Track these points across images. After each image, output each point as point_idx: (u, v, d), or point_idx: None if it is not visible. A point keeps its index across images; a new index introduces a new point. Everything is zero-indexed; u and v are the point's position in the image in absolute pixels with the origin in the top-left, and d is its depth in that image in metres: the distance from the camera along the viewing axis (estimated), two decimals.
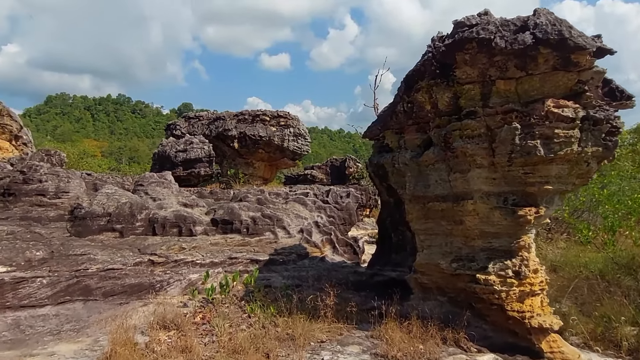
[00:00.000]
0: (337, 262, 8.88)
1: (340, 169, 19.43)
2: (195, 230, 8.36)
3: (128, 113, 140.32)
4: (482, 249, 5.66)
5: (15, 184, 8.56)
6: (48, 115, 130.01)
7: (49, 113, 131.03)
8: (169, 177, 9.97)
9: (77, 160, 33.59)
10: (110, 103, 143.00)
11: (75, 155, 34.05)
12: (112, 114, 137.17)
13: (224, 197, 11.65)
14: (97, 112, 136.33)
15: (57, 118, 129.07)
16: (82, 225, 7.95)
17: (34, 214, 8.33)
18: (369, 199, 18.67)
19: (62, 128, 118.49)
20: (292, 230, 9.17)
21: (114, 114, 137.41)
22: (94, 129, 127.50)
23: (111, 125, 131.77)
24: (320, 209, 10.51)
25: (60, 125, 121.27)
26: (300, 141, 21.92)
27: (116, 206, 8.20)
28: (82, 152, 38.13)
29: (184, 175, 19.00)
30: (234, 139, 21.22)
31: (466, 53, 5.16)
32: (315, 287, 7.42)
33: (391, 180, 6.72)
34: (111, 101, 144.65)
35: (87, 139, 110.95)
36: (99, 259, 7.05)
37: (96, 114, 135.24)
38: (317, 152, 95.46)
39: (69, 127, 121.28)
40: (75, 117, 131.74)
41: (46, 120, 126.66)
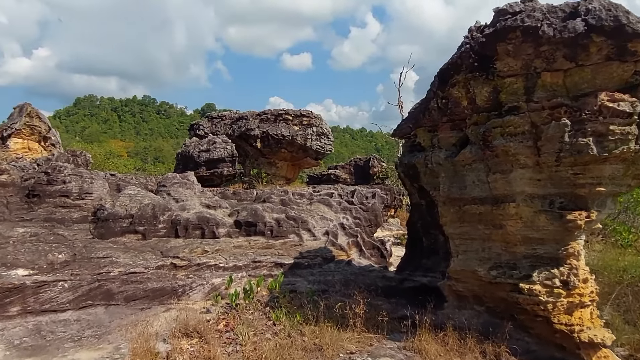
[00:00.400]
0: (364, 265, 8.52)
1: (364, 169, 19.01)
2: (218, 232, 8.13)
3: (153, 114, 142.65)
4: (525, 256, 5.22)
5: (40, 184, 8.50)
6: (77, 116, 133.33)
7: (78, 114, 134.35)
8: (192, 178, 9.78)
9: (104, 161, 34.11)
10: (136, 104, 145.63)
11: (102, 155, 34.57)
12: (137, 114, 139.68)
13: (247, 197, 11.43)
14: (124, 113, 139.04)
15: (85, 119, 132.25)
16: (104, 227, 7.81)
17: (58, 215, 8.24)
18: (393, 199, 18.23)
19: (90, 129, 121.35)
20: (317, 233, 8.85)
21: (140, 114, 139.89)
22: (121, 130, 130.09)
23: (137, 126, 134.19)
24: (345, 211, 10.16)
25: (88, 127, 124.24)
26: (324, 140, 21.58)
27: (138, 208, 8.03)
28: (108, 152, 38.73)
29: (207, 175, 18.91)
30: (256, 139, 21.04)
31: (509, 43, 4.74)
32: (342, 293, 7.09)
33: (423, 181, 6.32)
34: (137, 102, 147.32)
35: (114, 139, 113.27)
36: (121, 262, 6.88)
37: (122, 115, 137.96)
38: (339, 151, 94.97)
39: (96, 128, 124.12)
40: (103, 118, 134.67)
41: (75, 121, 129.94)
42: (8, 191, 8.65)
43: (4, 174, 8.79)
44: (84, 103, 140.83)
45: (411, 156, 6.48)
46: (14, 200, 8.44)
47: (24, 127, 23.25)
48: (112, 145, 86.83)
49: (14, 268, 6.14)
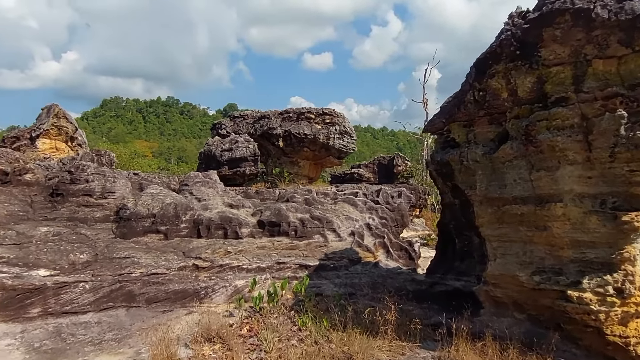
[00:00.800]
0: (392, 268, 8.16)
1: (388, 168, 18.58)
2: (241, 232, 7.89)
3: (177, 114, 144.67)
4: (573, 261, 4.78)
5: (63, 184, 8.42)
6: (103, 118, 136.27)
7: (104, 116, 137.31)
8: (214, 177, 9.59)
9: (129, 160, 34.55)
10: (160, 105, 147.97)
11: (127, 155, 35.05)
12: (161, 115, 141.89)
13: (270, 197, 11.19)
14: (148, 114, 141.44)
15: (111, 120, 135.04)
16: (126, 226, 7.66)
17: (81, 214, 8.15)
18: (418, 199, 17.75)
19: (116, 130, 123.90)
20: (342, 233, 8.53)
21: (164, 115, 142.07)
22: (145, 130, 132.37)
23: (161, 127, 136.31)
24: (371, 210, 9.81)
25: (114, 127, 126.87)
26: (346, 139, 21.24)
27: (161, 207, 7.86)
28: (132, 152, 39.25)
29: (229, 174, 18.80)
30: (278, 138, 20.84)
31: (556, 28, 4.33)
32: (370, 297, 6.76)
33: (458, 179, 5.93)
34: (161, 103, 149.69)
35: (139, 139, 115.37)
36: (142, 262, 6.70)
37: (147, 116, 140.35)
38: (361, 150, 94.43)
39: (122, 129, 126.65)
40: (128, 119, 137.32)
41: (102, 122, 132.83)
42: (33, 190, 8.62)
43: (28, 173, 8.76)
44: (110, 104, 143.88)
45: (444, 153, 6.09)
46: (38, 199, 8.39)
47: (52, 127, 23.64)
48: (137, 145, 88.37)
49: (35, 268, 6.02)
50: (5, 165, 8.70)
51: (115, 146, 38.39)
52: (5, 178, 8.56)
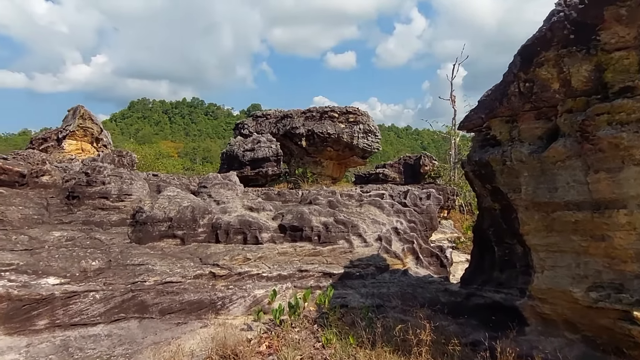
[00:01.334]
0: (422, 276, 7.58)
1: (414, 167, 17.90)
2: (262, 237, 7.45)
3: (201, 115, 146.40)
4: (638, 276, 4.13)
5: (79, 186, 8.16)
6: (131, 119, 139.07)
7: (132, 117, 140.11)
8: (234, 178, 9.19)
9: (154, 161, 34.75)
10: (185, 106, 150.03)
11: (152, 156, 35.25)
12: (187, 116, 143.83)
13: (292, 198, 10.74)
14: (174, 115, 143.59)
15: (138, 122, 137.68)
16: (142, 230, 7.32)
17: (96, 217, 7.87)
18: (447, 200, 17.02)
19: (143, 131, 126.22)
20: (368, 238, 7.99)
21: (189, 116, 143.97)
22: (171, 131, 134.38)
23: (186, 127, 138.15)
24: (399, 213, 9.23)
25: (141, 128, 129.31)
26: (370, 138, 20.65)
27: (177, 210, 7.50)
28: (158, 152, 39.55)
29: (251, 174, 18.49)
30: (301, 137, 20.41)
31: (622, 6, 3.70)
32: (400, 309, 6.21)
33: (499, 181, 5.32)
34: (186, 104, 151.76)
35: (165, 140, 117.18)
36: (157, 269, 6.33)
37: (173, 117, 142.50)
38: (384, 150, 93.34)
39: (149, 130, 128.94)
40: (155, 120, 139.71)
41: (129, 124, 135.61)
42: (49, 192, 8.39)
43: (45, 174, 8.55)
44: (138, 106, 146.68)
45: (483, 152, 5.48)
46: (55, 201, 8.15)
47: (78, 128, 23.84)
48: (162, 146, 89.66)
49: (44, 276, 5.71)
50: (23, 167, 8.50)
51: (141, 147, 38.75)
52: (22, 180, 8.36)
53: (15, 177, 8.26)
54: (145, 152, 34.28)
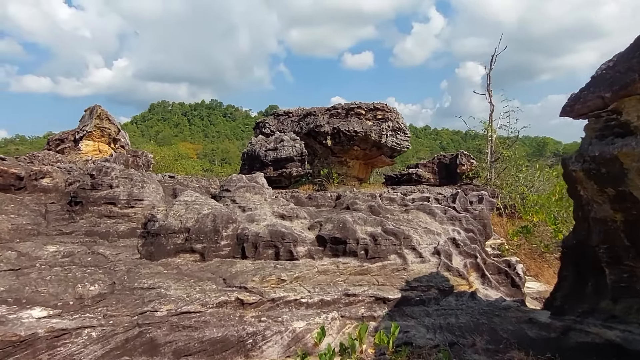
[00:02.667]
0: (494, 300, 6.10)
1: (449, 167, 16.36)
2: (297, 251, 6.07)
3: (220, 117, 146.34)
4: None
5: (83, 190, 6.92)
6: (151, 121, 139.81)
7: (152, 119, 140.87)
8: (261, 180, 7.84)
9: (173, 162, 33.81)
10: (204, 108, 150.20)
11: (171, 157, 34.33)
12: (205, 118, 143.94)
13: (325, 203, 9.34)
14: (193, 117, 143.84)
15: (158, 124, 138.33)
16: (154, 243, 6.02)
17: (102, 227, 6.60)
18: None
19: (163, 133, 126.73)
20: (424, 252, 6.54)
21: (208, 118, 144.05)
22: (190, 133, 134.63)
23: (205, 129, 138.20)
24: (453, 221, 7.76)
25: (161, 130, 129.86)
26: (400, 136, 19.14)
27: (196, 219, 6.17)
28: (177, 154, 38.67)
29: (274, 175, 17.17)
30: (326, 136, 19.02)
31: None
32: (480, 349, 4.75)
33: (629, 183, 3.83)
34: (205, 106, 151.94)
35: (184, 142, 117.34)
36: (171, 294, 5.00)
37: (192, 119, 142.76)
38: None
39: (169, 132, 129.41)
40: (174, 122, 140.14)
41: (150, 126, 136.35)
42: (50, 197, 7.17)
43: (46, 177, 7.33)
44: (158, 109, 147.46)
45: (605, 145, 3.99)
46: (55, 208, 6.92)
47: (95, 129, 22.88)
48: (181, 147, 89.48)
49: (29, 306, 4.43)
50: (20, 168, 7.29)
51: (160, 148, 37.89)
52: (19, 183, 7.16)
53: (11, 180, 7.05)
54: (164, 153, 33.37)
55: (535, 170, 19.22)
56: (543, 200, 13.22)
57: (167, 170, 30.96)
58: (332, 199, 10.12)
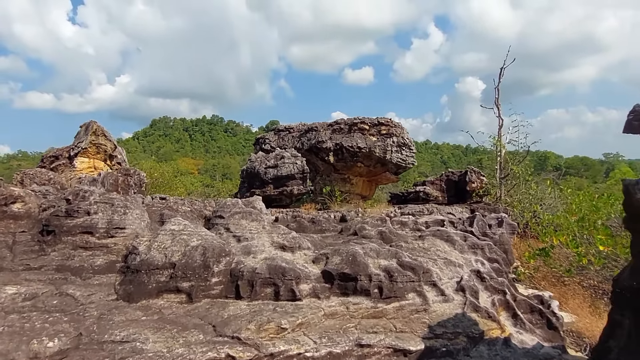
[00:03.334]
0: (531, 347, 5.17)
1: (458, 185, 15.53)
2: (300, 290, 5.17)
3: (221, 132, 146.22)
4: None
5: (57, 217, 6.04)
6: (153, 137, 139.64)
7: (154, 135, 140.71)
8: (259, 205, 6.97)
9: (172, 179, 33.00)
10: (205, 124, 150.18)
11: (170, 173, 33.50)
12: (206, 133, 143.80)
13: (329, 227, 8.46)
14: (194, 132, 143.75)
15: (160, 139, 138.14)
16: (134, 281, 5.12)
17: (76, 261, 5.71)
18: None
19: (164, 148, 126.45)
20: (446, 289, 5.64)
21: (209, 133, 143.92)
22: (192, 148, 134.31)
23: (206, 144, 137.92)
24: (475, 249, 6.86)
25: (163, 146, 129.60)
26: (405, 152, 18.30)
27: (183, 252, 5.28)
28: (176, 170, 37.89)
29: (274, 194, 16.28)
30: (329, 152, 18.19)
31: None
32: None
33: None
34: (206, 122, 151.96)
35: (185, 157, 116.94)
36: (148, 349, 4.10)
37: (193, 134, 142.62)
38: None
39: (170, 147, 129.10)
40: (176, 138, 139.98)
41: (151, 141, 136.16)
42: (20, 225, 6.29)
43: (17, 201, 6.46)
44: (159, 124, 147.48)
45: None
46: (24, 238, 6.04)
47: (90, 145, 22.13)
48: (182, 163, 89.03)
49: None
50: None
51: (159, 164, 37.10)
52: None
53: None
54: (163, 170, 32.57)
55: (546, 187, 18.37)
56: (561, 220, 12.32)
57: (166, 187, 30.15)
58: (337, 220, 9.25)
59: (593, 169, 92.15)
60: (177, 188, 31.51)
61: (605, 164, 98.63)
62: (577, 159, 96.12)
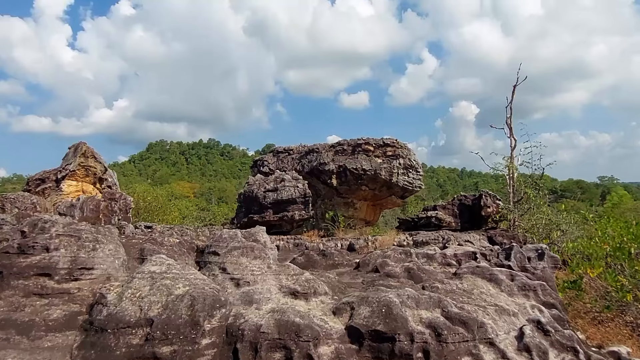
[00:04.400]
0: None
1: (472, 209, 14.28)
2: (319, 355, 3.83)
3: (217, 156, 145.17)
4: None
5: (7, 255, 4.70)
6: (149, 160, 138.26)
7: (150, 158, 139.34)
8: (262, 237, 5.66)
9: (166, 202, 31.54)
10: (202, 147, 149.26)
11: (164, 197, 32.02)
12: (203, 157, 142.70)
13: (343, 260, 7.15)
14: (191, 156, 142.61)
15: (156, 163, 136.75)
16: (97, 345, 3.76)
17: (26, 313, 4.34)
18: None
19: (160, 172, 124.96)
20: (506, 347, 4.30)
21: (205, 157, 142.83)
22: (188, 172, 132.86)
23: (202, 168, 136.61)
24: (526, 291, 5.57)
25: (159, 169, 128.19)
26: (412, 175, 17.11)
27: (165, 303, 3.95)
28: (170, 193, 36.44)
29: (274, 219, 14.94)
30: (331, 174, 16.95)
31: None
32: None
33: None
34: (202, 145, 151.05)
35: (182, 181, 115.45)
36: None
37: (189, 158, 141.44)
38: None
39: (166, 171, 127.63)
40: (172, 161, 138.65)
41: (147, 165, 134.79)
42: None
43: None
44: (156, 148, 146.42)
45: None
46: None
47: (79, 168, 20.77)
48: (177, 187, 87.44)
49: None
50: None
51: (153, 188, 35.60)
52: None
53: None
54: (157, 194, 31.11)
55: (560, 211, 17.16)
56: (592, 249, 11.03)
57: (160, 211, 28.68)
58: (351, 255, 7.94)
59: (589, 192, 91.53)
60: (171, 212, 30.02)
61: (600, 187, 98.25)
62: (572, 182, 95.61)
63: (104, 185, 23.09)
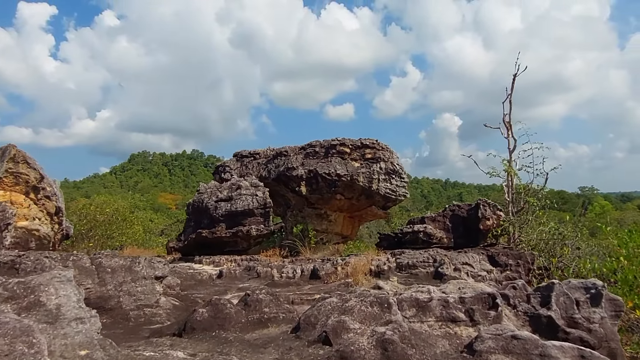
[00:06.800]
0: None
1: (467, 222, 11.44)
2: None
3: (201, 167, 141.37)
4: None
5: None
6: (131, 172, 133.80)
7: (132, 170, 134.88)
8: (56, 294, 2.53)
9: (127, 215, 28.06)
10: (185, 158, 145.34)
11: (126, 208, 28.54)
12: (186, 168, 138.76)
13: (278, 313, 4.24)
14: (174, 167, 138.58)
15: (138, 174, 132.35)
16: None
17: None
18: (528, 272, 10.40)
19: (142, 183, 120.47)
20: None
21: (189, 168, 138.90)
22: (170, 183, 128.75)
23: (185, 179, 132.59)
24: None
25: (141, 181, 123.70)
26: (395, 181, 14.29)
27: None
28: (133, 205, 32.86)
29: (226, 235, 11.97)
30: (300, 181, 14.04)
31: None
32: None
33: None
34: (186, 157, 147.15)
35: (164, 192, 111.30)
36: None
37: (172, 169, 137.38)
38: None
39: (148, 182, 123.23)
40: (154, 173, 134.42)
41: (129, 176, 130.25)
42: None
43: None
44: (138, 159, 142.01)
45: None
46: None
47: (6, 174, 17.41)
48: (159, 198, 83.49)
49: None
50: None
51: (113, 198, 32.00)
52: None
53: None
54: (117, 205, 27.64)
55: (565, 223, 14.51)
56: (628, 273, 8.25)
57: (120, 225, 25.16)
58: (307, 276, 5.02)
59: (570, 202, 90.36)
60: (132, 227, 26.49)
61: (581, 197, 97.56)
62: (554, 193, 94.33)
63: (41, 195, 19.52)
